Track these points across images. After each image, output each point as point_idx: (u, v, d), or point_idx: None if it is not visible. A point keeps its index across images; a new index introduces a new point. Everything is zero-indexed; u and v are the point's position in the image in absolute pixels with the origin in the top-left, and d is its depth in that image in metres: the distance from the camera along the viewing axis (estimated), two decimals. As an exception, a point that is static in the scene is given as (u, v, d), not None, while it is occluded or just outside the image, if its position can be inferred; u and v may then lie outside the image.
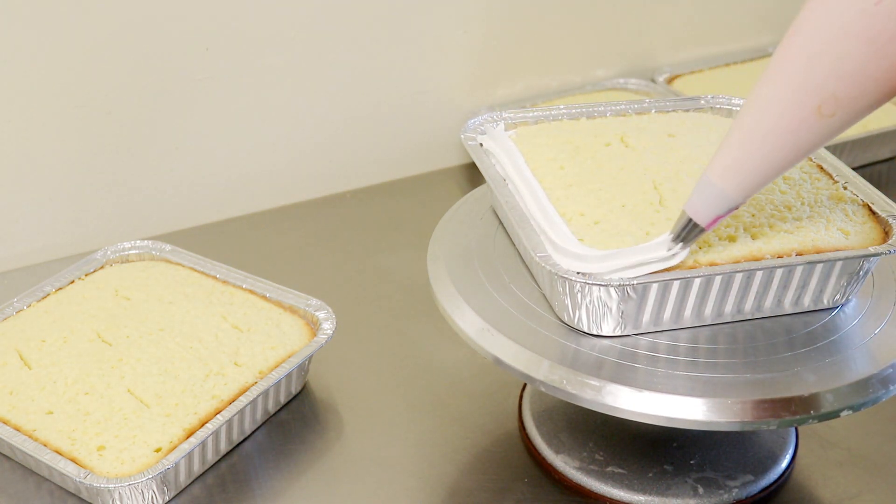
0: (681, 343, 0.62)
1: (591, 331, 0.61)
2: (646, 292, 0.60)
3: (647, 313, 0.61)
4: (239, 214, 1.03)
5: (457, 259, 0.69)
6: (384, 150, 1.09)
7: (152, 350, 0.74)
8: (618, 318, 0.61)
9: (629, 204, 0.65)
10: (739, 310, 0.62)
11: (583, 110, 0.76)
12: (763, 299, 0.62)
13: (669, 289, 0.60)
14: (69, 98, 0.91)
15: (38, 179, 0.92)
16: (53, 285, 0.82)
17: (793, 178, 0.68)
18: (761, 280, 0.61)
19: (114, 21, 0.89)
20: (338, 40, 1.01)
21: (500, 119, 0.75)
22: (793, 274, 0.62)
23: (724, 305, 0.62)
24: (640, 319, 0.61)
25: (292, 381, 0.76)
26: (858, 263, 0.63)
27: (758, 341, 0.62)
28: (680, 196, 0.65)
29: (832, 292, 0.64)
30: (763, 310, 0.63)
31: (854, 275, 0.63)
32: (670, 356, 0.60)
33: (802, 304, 0.64)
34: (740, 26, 1.28)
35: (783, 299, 0.63)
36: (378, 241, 0.99)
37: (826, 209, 0.65)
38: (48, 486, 0.69)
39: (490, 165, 0.70)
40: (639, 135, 0.73)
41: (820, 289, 0.63)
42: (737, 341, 0.62)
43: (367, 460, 0.73)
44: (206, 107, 0.97)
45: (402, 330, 0.86)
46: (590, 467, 0.70)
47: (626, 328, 0.61)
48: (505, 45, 1.11)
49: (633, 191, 0.66)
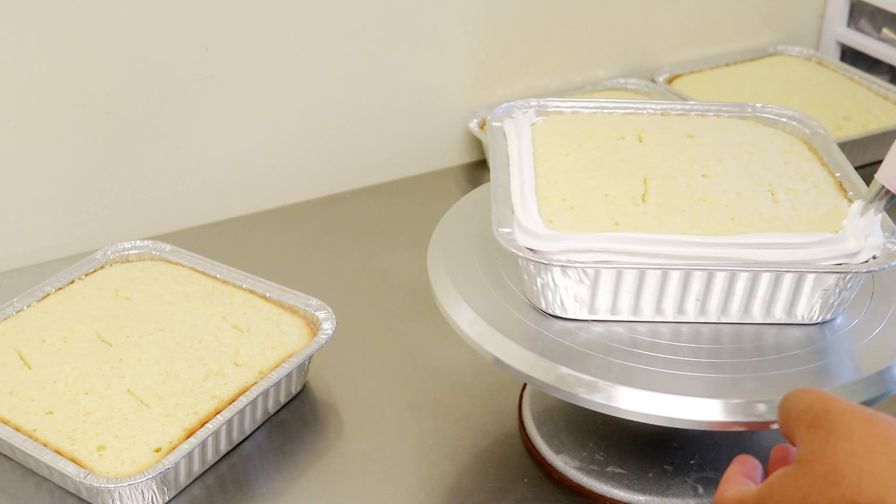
0: (682, 343, 0.62)
1: (549, 311, 0.63)
2: (598, 277, 0.61)
3: (602, 299, 0.62)
4: (239, 214, 1.03)
5: (457, 259, 0.69)
6: (384, 150, 1.09)
7: (152, 350, 0.74)
8: (572, 301, 0.62)
9: (612, 194, 0.65)
10: (703, 310, 0.62)
11: (619, 104, 0.76)
12: (729, 302, 0.62)
13: (622, 276, 0.61)
14: (69, 98, 0.91)
15: (38, 179, 0.92)
16: (53, 285, 0.82)
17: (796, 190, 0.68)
18: (724, 283, 0.61)
19: (114, 21, 0.89)
20: (338, 40, 1.01)
21: (530, 107, 0.76)
22: (758, 281, 0.61)
23: (685, 303, 0.62)
24: (595, 305, 0.62)
25: (292, 381, 0.76)
26: (833, 280, 0.61)
27: (763, 341, 0.62)
28: (666, 194, 0.65)
29: (806, 307, 0.62)
30: (730, 313, 0.63)
31: (830, 292, 0.61)
32: (671, 356, 0.60)
33: (773, 313, 0.63)
34: (740, 26, 1.28)
35: (750, 306, 0.62)
36: (378, 241, 0.99)
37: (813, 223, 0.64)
38: (48, 486, 0.69)
39: (501, 148, 0.71)
40: (658, 132, 0.72)
41: (790, 301, 0.62)
42: (742, 341, 0.62)
43: (367, 460, 0.73)
44: (206, 107, 0.97)
45: (402, 330, 0.86)
46: (590, 467, 0.70)
47: (582, 312, 0.62)
48: (505, 45, 1.11)
49: (621, 183, 0.66)
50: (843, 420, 0.45)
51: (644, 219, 0.63)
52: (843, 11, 1.28)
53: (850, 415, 0.46)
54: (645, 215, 0.63)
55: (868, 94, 1.17)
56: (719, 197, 0.65)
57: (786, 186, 0.67)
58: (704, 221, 0.63)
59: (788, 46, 1.29)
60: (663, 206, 0.64)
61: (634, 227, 0.62)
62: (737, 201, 0.65)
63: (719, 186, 0.66)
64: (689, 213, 0.64)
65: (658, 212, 0.64)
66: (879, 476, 0.43)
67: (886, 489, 0.42)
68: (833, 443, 0.45)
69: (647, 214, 0.63)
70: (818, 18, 1.32)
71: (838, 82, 1.20)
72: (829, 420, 0.46)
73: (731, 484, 0.53)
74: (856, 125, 1.10)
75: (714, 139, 0.72)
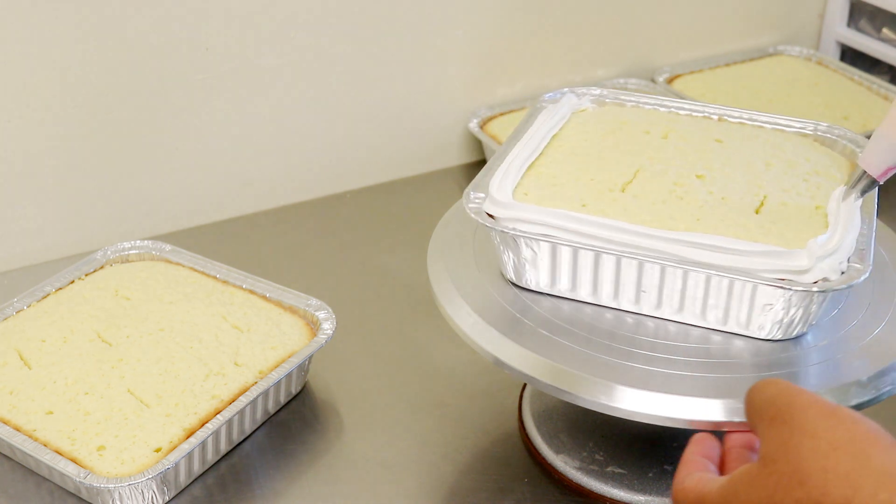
0: (682, 343, 0.62)
1: (506, 276, 0.66)
2: (539, 249, 0.63)
3: (544, 272, 0.64)
4: (239, 214, 1.03)
5: (457, 259, 0.69)
6: (384, 150, 1.09)
7: (152, 350, 0.74)
8: (521, 270, 0.64)
9: (597, 179, 0.66)
10: (658, 305, 0.62)
11: (682, 104, 0.76)
12: (671, 300, 0.62)
13: (558, 252, 0.62)
14: (69, 98, 0.91)
15: (38, 179, 0.92)
16: (53, 285, 0.82)
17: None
18: (657, 277, 0.61)
19: (114, 21, 0.89)
20: (338, 41, 1.01)
21: (588, 94, 0.77)
22: (687, 281, 0.61)
23: (626, 292, 0.63)
24: (540, 277, 0.64)
25: (292, 381, 0.76)
26: (778, 295, 0.59)
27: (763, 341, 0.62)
28: (647, 187, 0.65)
29: (756, 322, 0.61)
30: (685, 313, 0.62)
31: (778, 308, 0.59)
32: (671, 356, 0.60)
33: (729, 323, 0.61)
34: (740, 26, 1.28)
35: (693, 307, 0.62)
36: (378, 241, 0.99)
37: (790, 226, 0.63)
38: (48, 486, 0.69)
39: (526, 124, 0.72)
40: (687, 132, 0.72)
41: (735, 310, 0.61)
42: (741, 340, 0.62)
43: (367, 460, 0.73)
44: (205, 107, 0.97)
45: (402, 330, 0.86)
46: (590, 467, 0.70)
47: (531, 284, 0.65)
48: (505, 45, 1.11)
49: (611, 171, 0.67)
50: (807, 415, 0.44)
51: (611, 205, 0.64)
52: (843, 11, 1.28)
53: (814, 410, 0.45)
54: (614, 202, 0.64)
55: (868, 94, 1.17)
56: (699, 197, 0.65)
57: (784, 202, 0.64)
58: (668, 217, 0.63)
59: (788, 46, 1.29)
60: (637, 198, 0.64)
61: (596, 211, 0.63)
62: (714, 204, 0.64)
63: (706, 188, 0.65)
64: (658, 207, 0.64)
65: (629, 201, 0.64)
66: (846, 476, 0.42)
67: (853, 490, 0.41)
68: (797, 440, 0.44)
69: (616, 202, 0.64)
70: (818, 18, 1.32)
71: (838, 82, 1.20)
72: (791, 415, 0.45)
73: (691, 469, 0.51)
74: (856, 125, 1.10)
75: (741, 146, 0.70)
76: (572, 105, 0.76)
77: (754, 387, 0.49)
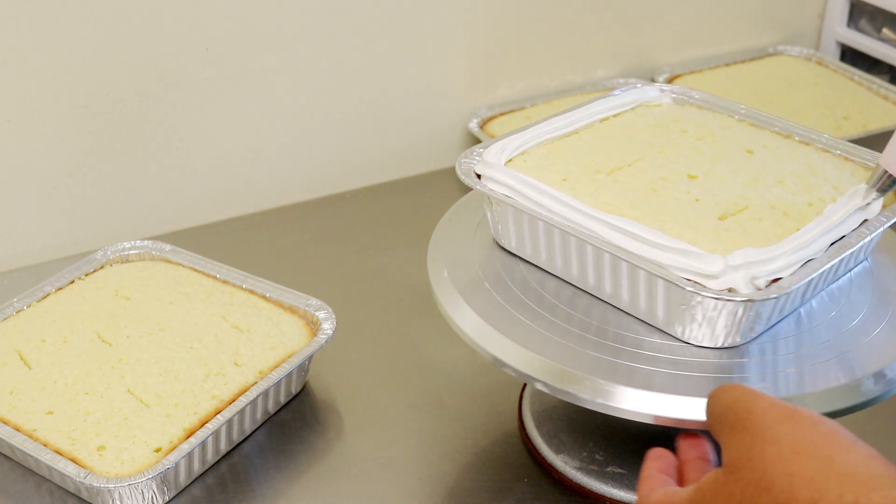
0: (683, 343, 0.62)
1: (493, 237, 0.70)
2: (505, 211, 0.66)
3: (513, 235, 0.67)
4: (239, 214, 1.03)
5: (456, 259, 0.69)
6: (384, 150, 1.09)
7: (152, 350, 0.75)
8: (497, 229, 0.68)
9: (595, 161, 0.68)
10: (580, 276, 0.64)
11: (744, 111, 0.75)
12: (603, 281, 0.63)
13: (521, 219, 0.65)
14: (69, 98, 0.91)
15: (38, 179, 0.93)
16: (53, 285, 0.82)
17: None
18: (593, 257, 0.62)
19: (114, 21, 0.90)
20: (338, 40, 1.01)
21: (669, 91, 0.78)
22: (617, 267, 0.61)
23: (571, 268, 0.64)
24: (511, 241, 0.67)
25: (292, 381, 0.76)
26: (689, 298, 0.58)
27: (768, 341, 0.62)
28: (633, 177, 0.67)
29: (678, 320, 0.60)
30: (621, 299, 0.63)
31: (690, 311, 0.58)
32: (671, 356, 0.60)
33: (648, 314, 0.61)
34: (740, 26, 1.28)
35: (621, 294, 0.62)
36: (378, 241, 0.99)
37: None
38: (48, 486, 0.69)
39: (576, 105, 0.76)
40: (723, 138, 0.72)
41: (661, 307, 0.60)
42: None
43: (367, 460, 0.73)
44: (205, 107, 0.97)
45: (402, 330, 0.86)
46: (590, 467, 0.70)
47: (505, 243, 0.68)
48: (505, 45, 1.11)
49: (613, 157, 0.69)
50: (766, 421, 0.45)
51: (586, 185, 0.66)
52: (843, 11, 1.28)
53: (772, 414, 0.45)
54: (592, 183, 0.66)
55: (868, 94, 1.17)
56: (673, 194, 0.65)
57: (761, 217, 0.62)
58: (629, 206, 0.63)
59: (788, 46, 1.29)
60: (617, 183, 0.66)
61: (568, 188, 0.65)
62: (683, 203, 0.64)
63: (688, 188, 0.65)
64: (629, 195, 0.64)
65: (605, 184, 0.66)
66: (811, 480, 0.42)
67: (819, 493, 0.41)
68: (760, 447, 0.44)
69: (594, 183, 0.66)
70: (818, 18, 1.32)
71: (838, 82, 1.20)
72: (751, 421, 0.45)
73: (653, 485, 0.51)
74: (856, 125, 1.10)
75: (768, 160, 0.69)
76: (643, 97, 0.77)
77: (712, 394, 0.49)
